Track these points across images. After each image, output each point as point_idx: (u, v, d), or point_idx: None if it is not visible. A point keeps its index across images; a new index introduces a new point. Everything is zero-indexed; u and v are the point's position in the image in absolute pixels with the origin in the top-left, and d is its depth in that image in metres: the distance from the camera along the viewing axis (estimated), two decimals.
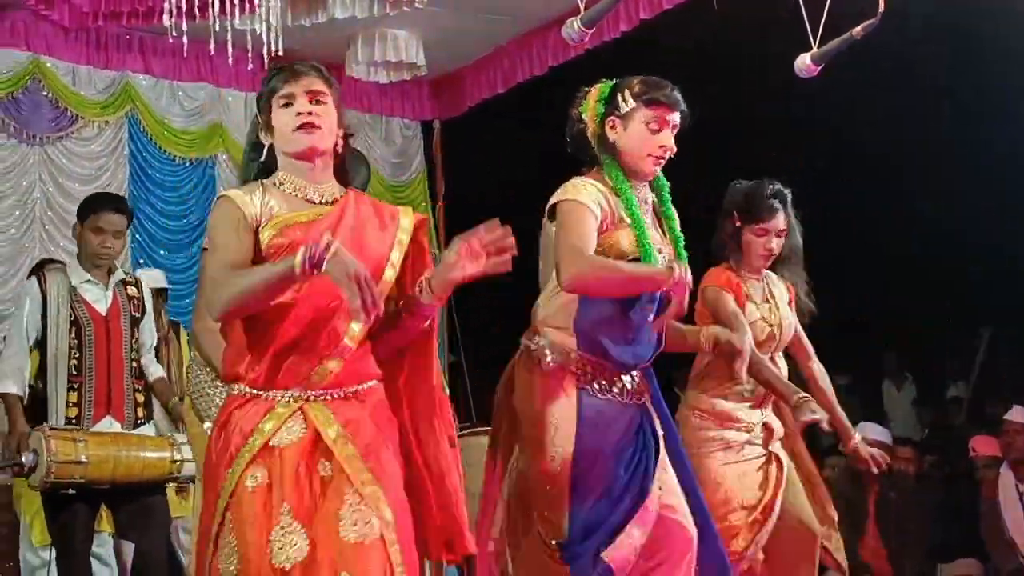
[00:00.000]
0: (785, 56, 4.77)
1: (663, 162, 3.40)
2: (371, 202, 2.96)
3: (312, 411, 2.77)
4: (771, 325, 4.23)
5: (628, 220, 3.34)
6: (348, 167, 2.95)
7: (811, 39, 4.64)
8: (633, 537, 3.28)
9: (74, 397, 4.61)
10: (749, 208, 4.17)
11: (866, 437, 6.36)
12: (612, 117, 3.40)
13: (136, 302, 4.82)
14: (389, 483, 2.75)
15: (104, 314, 4.70)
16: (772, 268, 4.33)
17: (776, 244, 4.21)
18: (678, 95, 3.40)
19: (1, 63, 7.49)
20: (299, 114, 2.81)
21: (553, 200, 3.36)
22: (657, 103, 3.36)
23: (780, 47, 4.88)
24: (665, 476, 3.41)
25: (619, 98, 3.40)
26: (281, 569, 2.64)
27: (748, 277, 4.24)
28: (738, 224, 4.19)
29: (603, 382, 3.37)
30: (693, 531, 3.38)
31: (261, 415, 2.76)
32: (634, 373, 3.43)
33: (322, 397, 2.78)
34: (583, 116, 3.47)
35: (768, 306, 4.26)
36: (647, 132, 3.36)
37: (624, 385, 3.40)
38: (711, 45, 7.40)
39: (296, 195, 2.84)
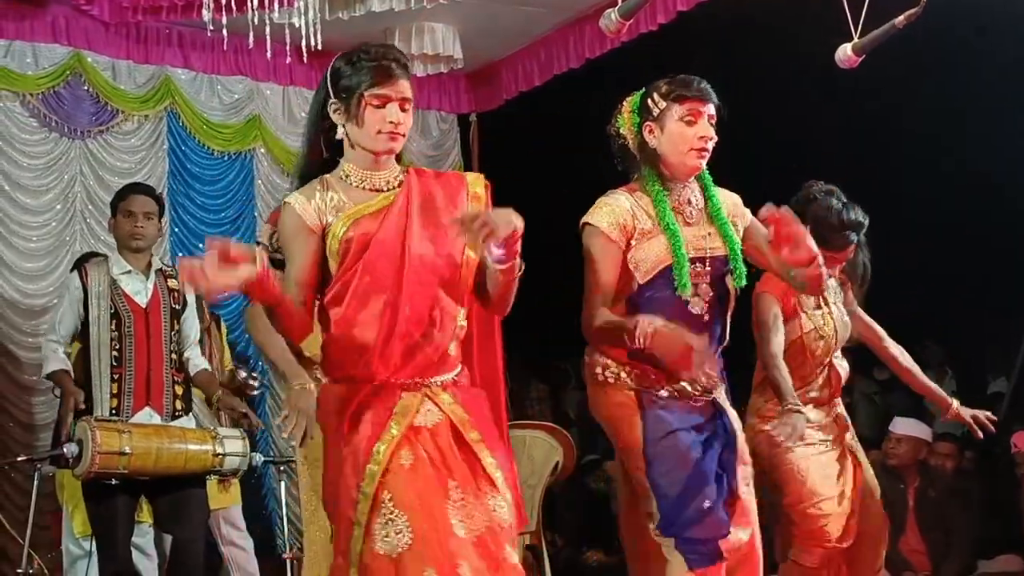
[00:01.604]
0: (826, 46, 4.71)
1: (707, 154, 3.40)
2: (432, 174, 3.01)
3: (438, 398, 2.84)
4: (823, 337, 4.22)
5: (663, 228, 3.36)
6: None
7: (852, 29, 4.58)
8: (740, 538, 3.33)
9: (115, 388, 4.66)
10: (824, 234, 4.04)
11: (905, 433, 6.38)
12: (648, 123, 3.41)
13: (176, 294, 4.86)
14: (506, 466, 2.86)
15: (144, 306, 4.74)
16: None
17: (837, 271, 4.21)
18: (707, 86, 3.41)
19: (42, 58, 7.55)
20: (391, 122, 2.85)
21: (584, 219, 3.44)
22: (686, 97, 3.37)
23: (821, 37, 4.83)
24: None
25: (650, 103, 3.42)
26: (466, 539, 2.69)
27: None
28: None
29: (663, 386, 3.40)
30: (758, 535, 3.43)
31: (393, 403, 2.80)
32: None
33: (441, 384, 2.86)
34: (621, 131, 3.49)
35: (821, 312, 4.23)
36: (683, 127, 3.37)
37: (685, 386, 3.40)
38: (750, 37, 7.34)
39: (363, 186, 2.89)
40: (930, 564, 6.33)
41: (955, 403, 4.43)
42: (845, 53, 4.58)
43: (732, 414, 3.51)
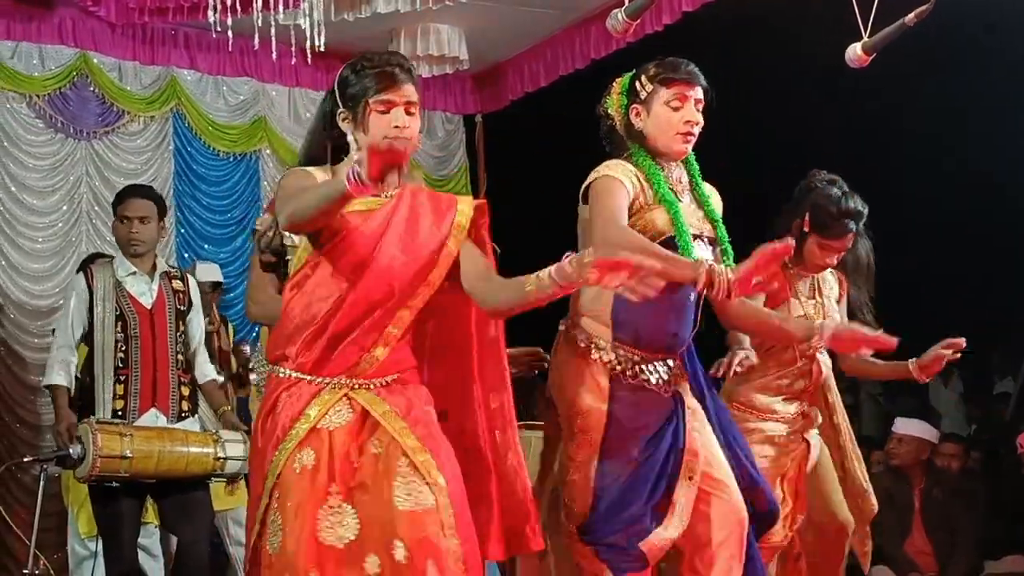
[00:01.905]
0: (835, 46, 4.70)
1: (692, 138, 3.38)
2: (428, 194, 3.01)
3: (359, 397, 2.85)
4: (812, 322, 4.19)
5: (660, 201, 3.33)
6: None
7: (861, 28, 4.56)
8: (665, 537, 3.27)
9: (120, 390, 4.65)
10: (823, 222, 4.03)
11: (907, 433, 6.37)
12: (635, 105, 3.40)
13: (181, 295, 4.86)
14: (440, 449, 2.82)
15: (149, 308, 4.74)
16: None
17: (835, 260, 4.17)
18: (695, 69, 3.39)
19: (49, 59, 7.58)
20: (396, 127, 2.86)
21: (587, 182, 3.36)
22: (673, 81, 3.36)
23: (827, 37, 4.82)
24: (713, 450, 3.38)
25: (637, 85, 3.41)
26: (330, 547, 2.71)
27: (798, 272, 4.19)
28: (805, 229, 4.06)
29: (638, 370, 3.35)
30: (742, 507, 3.35)
31: (307, 400, 2.83)
32: (671, 361, 3.40)
33: (366, 385, 2.86)
34: (609, 111, 3.48)
35: (813, 302, 4.21)
36: (669, 111, 3.35)
37: (660, 375, 3.37)
38: (756, 37, 7.34)
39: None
40: (936, 565, 6.32)
41: (911, 362, 4.30)
42: (855, 52, 4.55)
43: (696, 406, 3.44)
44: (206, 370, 4.97)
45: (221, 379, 5.15)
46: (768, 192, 4.23)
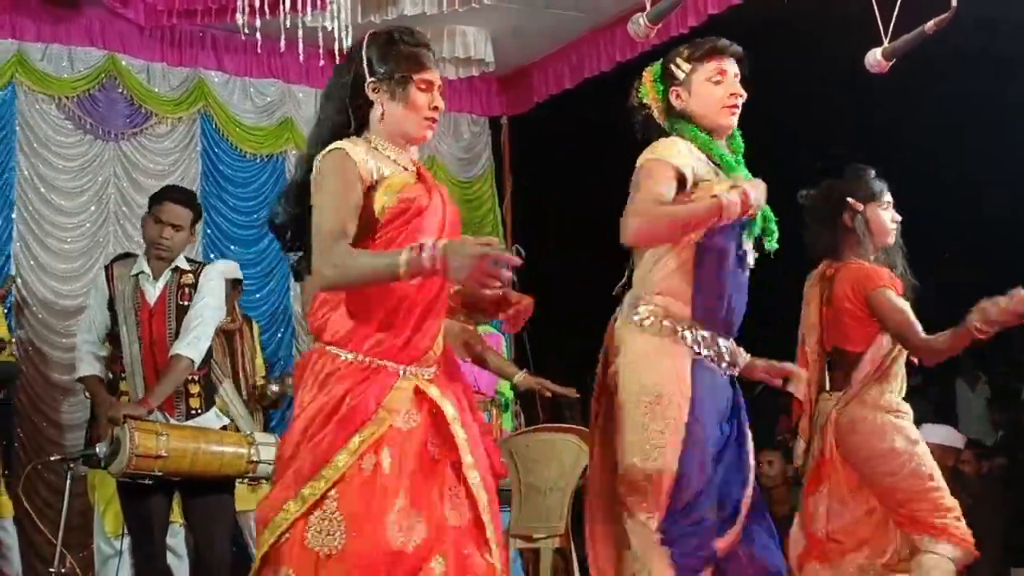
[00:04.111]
0: (855, 51, 4.69)
1: (738, 111, 3.36)
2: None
3: (429, 391, 2.81)
4: None
5: (722, 169, 3.29)
6: None
7: (882, 34, 4.56)
8: (735, 532, 3.22)
9: (141, 384, 4.62)
10: (870, 188, 4.17)
11: (929, 440, 6.34)
12: (674, 88, 3.37)
13: (187, 289, 4.70)
14: (483, 466, 2.83)
15: (152, 306, 4.65)
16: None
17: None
18: (728, 42, 3.38)
19: (78, 61, 7.64)
20: (434, 108, 2.89)
21: (640, 160, 3.26)
22: (710, 55, 3.35)
23: (850, 42, 4.80)
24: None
25: (673, 68, 3.39)
26: (398, 551, 2.65)
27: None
28: (860, 208, 4.15)
29: (713, 352, 3.27)
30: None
31: (383, 392, 2.75)
32: (732, 342, 3.34)
33: (430, 376, 2.84)
34: (644, 101, 3.45)
35: None
36: (711, 86, 3.33)
37: (724, 356, 3.30)
38: (780, 40, 7.32)
39: (397, 160, 2.88)
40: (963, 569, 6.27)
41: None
42: (875, 58, 4.55)
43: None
44: (181, 347, 4.57)
45: (191, 359, 4.61)
46: (788, 194, 4.24)
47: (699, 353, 3.24)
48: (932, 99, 7.42)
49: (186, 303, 4.66)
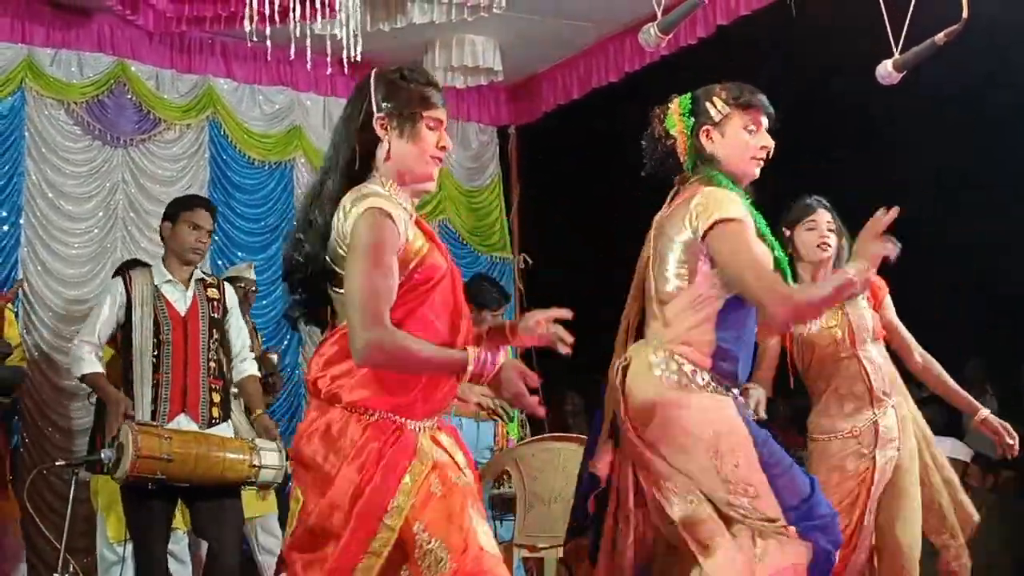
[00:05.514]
0: (866, 63, 4.68)
1: (763, 163, 3.38)
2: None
3: (441, 440, 2.84)
4: (831, 326, 4.21)
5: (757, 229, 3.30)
6: None
7: (893, 45, 4.55)
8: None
9: (152, 394, 4.69)
10: (793, 212, 4.33)
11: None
12: (707, 126, 3.35)
13: (216, 303, 4.88)
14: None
15: (183, 314, 4.77)
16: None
17: (831, 238, 4.22)
18: (765, 97, 3.40)
19: (87, 67, 7.65)
20: (442, 148, 2.88)
21: (713, 218, 3.19)
22: (751, 105, 3.35)
23: (861, 53, 4.80)
24: None
25: (709, 106, 3.37)
26: (495, 555, 2.73)
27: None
28: (788, 234, 4.29)
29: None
30: None
31: (412, 448, 2.74)
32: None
33: (434, 423, 2.86)
34: (670, 132, 3.41)
35: (830, 311, 4.22)
36: (746, 135, 3.34)
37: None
38: (790, 52, 7.32)
39: (406, 208, 2.85)
40: None
41: (984, 411, 4.44)
42: (886, 69, 4.54)
43: None
44: (245, 366, 4.99)
45: (259, 374, 5.16)
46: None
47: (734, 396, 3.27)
48: (948, 112, 7.40)
49: (216, 316, 4.87)
